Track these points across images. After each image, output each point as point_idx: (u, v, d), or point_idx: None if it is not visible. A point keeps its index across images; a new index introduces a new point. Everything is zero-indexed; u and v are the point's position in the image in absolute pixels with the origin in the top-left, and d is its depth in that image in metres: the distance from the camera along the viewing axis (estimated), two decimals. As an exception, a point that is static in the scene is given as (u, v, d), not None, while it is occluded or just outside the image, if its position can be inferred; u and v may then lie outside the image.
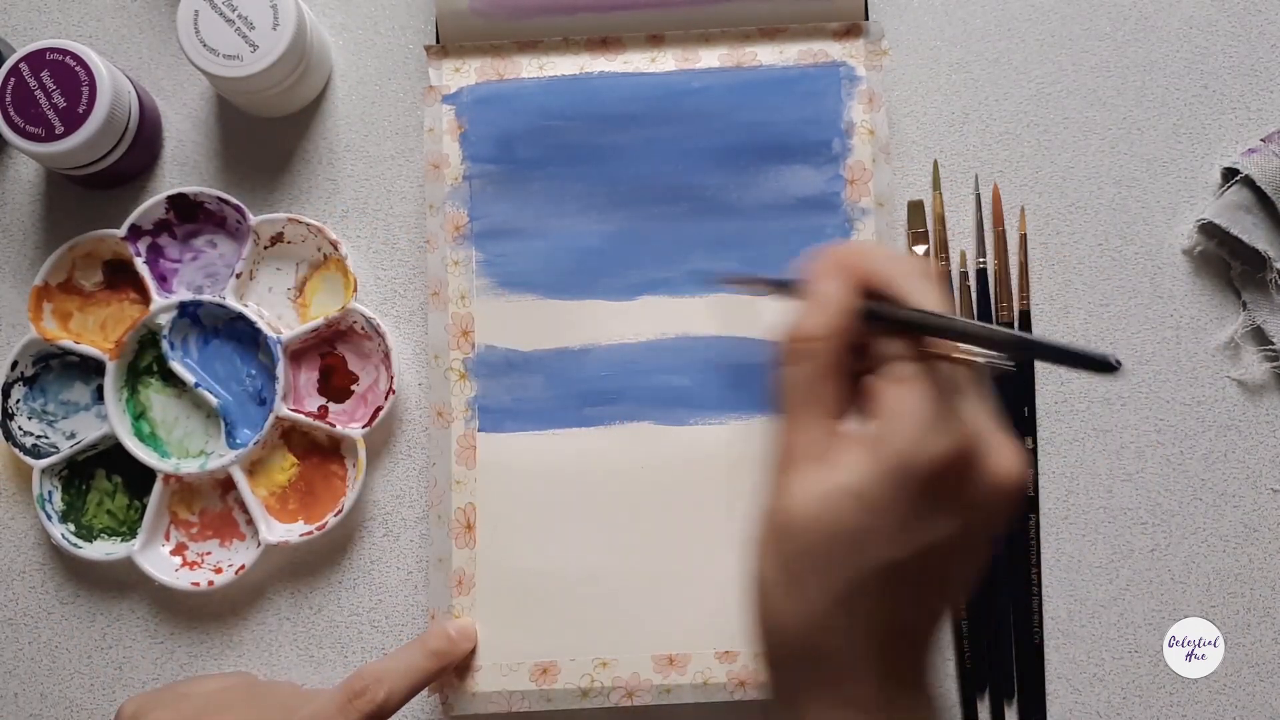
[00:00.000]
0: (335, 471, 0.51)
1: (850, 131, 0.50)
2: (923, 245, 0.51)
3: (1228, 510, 0.50)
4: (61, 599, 0.51)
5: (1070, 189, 0.52)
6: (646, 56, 0.51)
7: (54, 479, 0.50)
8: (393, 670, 0.43)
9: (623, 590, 0.48)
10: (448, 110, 0.51)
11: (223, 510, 0.51)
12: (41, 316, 0.51)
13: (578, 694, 0.47)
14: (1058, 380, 0.51)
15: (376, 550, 0.51)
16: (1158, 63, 0.53)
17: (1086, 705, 0.49)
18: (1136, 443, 0.50)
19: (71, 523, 0.50)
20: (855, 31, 0.51)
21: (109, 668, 0.50)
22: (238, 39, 0.48)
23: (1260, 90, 0.52)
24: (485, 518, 0.49)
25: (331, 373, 0.51)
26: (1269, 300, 0.50)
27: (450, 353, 0.50)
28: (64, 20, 0.55)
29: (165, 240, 0.52)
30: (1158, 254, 0.51)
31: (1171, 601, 0.49)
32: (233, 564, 0.49)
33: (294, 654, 0.50)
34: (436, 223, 0.51)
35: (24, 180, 0.54)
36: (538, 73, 0.51)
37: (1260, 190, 0.50)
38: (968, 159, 0.52)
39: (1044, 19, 0.53)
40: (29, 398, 0.51)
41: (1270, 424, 0.50)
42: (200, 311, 0.51)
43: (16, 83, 0.48)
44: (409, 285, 0.52)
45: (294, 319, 0.52)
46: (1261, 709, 0.48)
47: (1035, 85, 0.53)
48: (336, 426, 0.50)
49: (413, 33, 0.54)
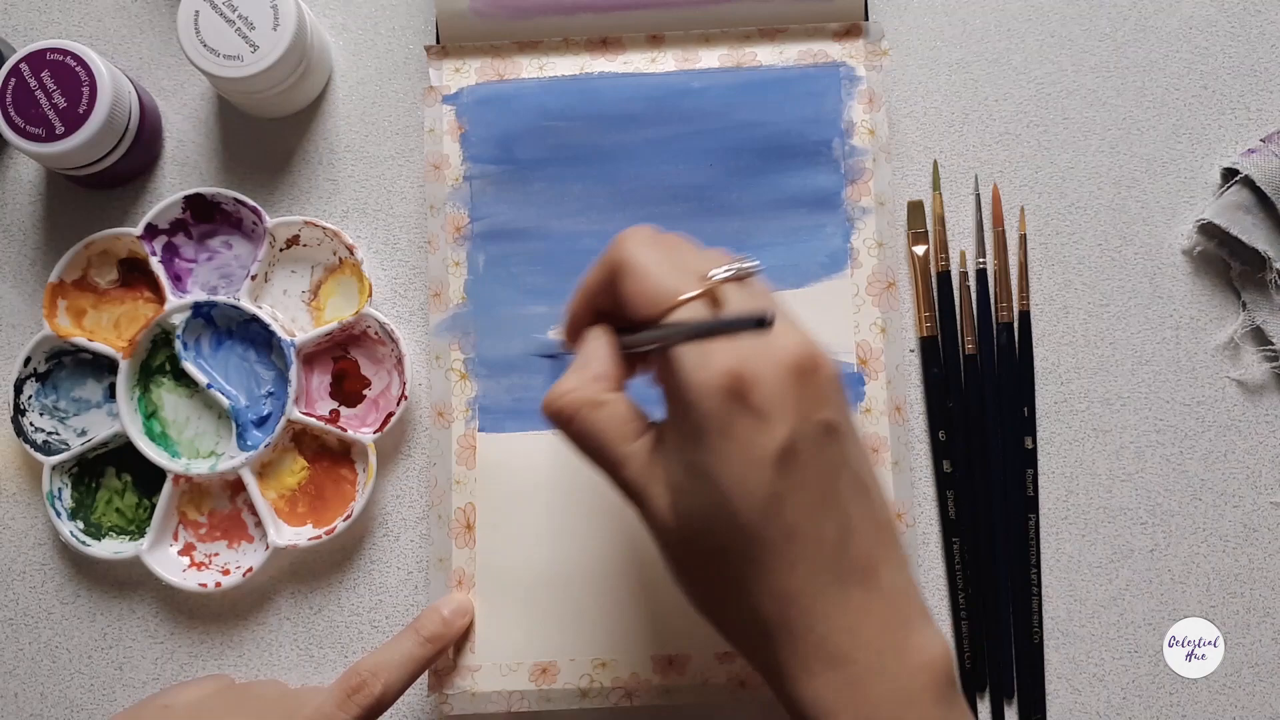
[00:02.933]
0: (345, 476, 0.51)
1: (850, 131, 0.51)
2: (923, 245, 0.51)
3: (1228, 510, 0.50)
4: (62, 599, 0.51)
5: (1070, 189, 0.52)
6: (646, 57, 0.51)
7: (64, 476, 0.50)
8: (388, 661, 0.43)
9: (622, 591, 0.48)
10: (448, 111, 0.51)
11: (232, 512, 0.51)
12: (55, 313, 0.51)
13: (577, 694, 0.47)
14: (1058, 380, 0.51)
15: (377, 550, 0.51)
16: (1158, 63, 0.53)
17: (1086, 705, 0.49)
18: (1136, 443, 0.50)
19: (80, 520, 0.50)
20: (855, 32, 0.51)
21: (109, 668, 0.50)
22: (238, 39, 0.48)
23: (1260, 90, 0.52)
24: (485, 518, 0.49)
25: (344, 377, 0.51)
26: (1269, 300, 0.50)
27: (450, 353, 0.50)
28: (64, 20, 0.55)
29: (181, 240, 0.52)
30: (1158, 254, 0.51)
31: (1171, 601, 0.49)
32: (240, 566, 0.49)
33: (294, 654, 0.50)
34: (437, 223, 0.51)
35: (24, 180, 0.54)
36: (538, 73, 0.51)
37: (1260, 190, 0.50)
38: (968, 159, 0.52)
39: (1044, 19, 0.53)
40: (41, 394, 0.51)
41: (1270, 424, 0.50)
42: (214, 312, 0.51)
43: (17, 83, 0.48)
44: (409, 285, 0.52)
45: (308, 322, 0.52)
46: (1261, 709, 0.48)
47: (1035, 85, 0.53)
48: (348, 431, 0.50)
49: (413, 33, 0.54)
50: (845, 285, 0.50)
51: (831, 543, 0.34)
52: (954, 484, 0.50)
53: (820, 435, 0.34)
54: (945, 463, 0.50)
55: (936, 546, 0.50)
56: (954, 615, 0.49)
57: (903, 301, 0.51)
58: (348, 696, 0.42)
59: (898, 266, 0.50)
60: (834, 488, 0.35)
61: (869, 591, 0.34)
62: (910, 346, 0.51)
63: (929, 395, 0.50)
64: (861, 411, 0.49)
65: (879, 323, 0.49)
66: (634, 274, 0.37)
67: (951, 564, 0.49)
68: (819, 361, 0.34)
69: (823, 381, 0.34)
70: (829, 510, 0.34)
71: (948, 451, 0.50)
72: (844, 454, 0.35)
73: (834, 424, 0.35)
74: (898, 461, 0.48)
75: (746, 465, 0.33)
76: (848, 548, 0.34)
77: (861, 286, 0.50)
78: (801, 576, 0.34)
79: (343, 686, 0.42)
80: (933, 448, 0.50)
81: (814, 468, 0.34)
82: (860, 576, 0.34)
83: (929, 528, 0.50)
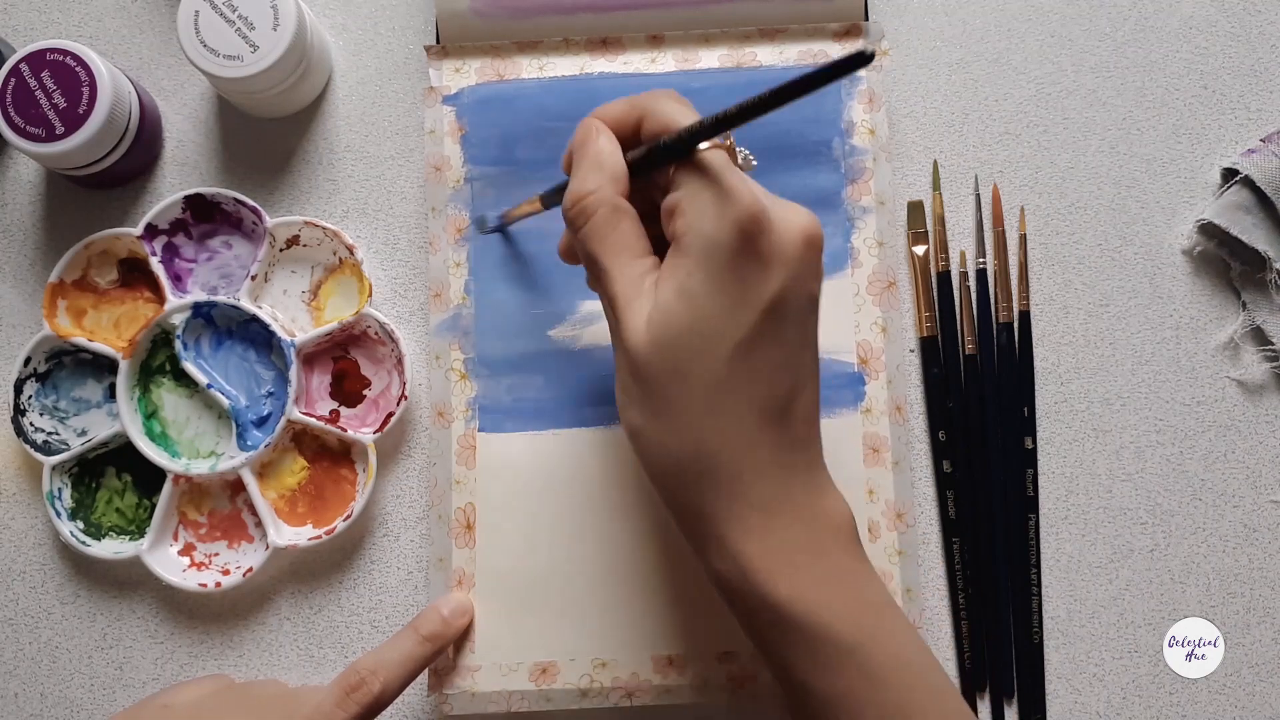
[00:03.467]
0: (345, 476, 0.51)
1: (850, 131, 0.51)
2: (923, 245, 0.51)
3: (1228, 510, 0.50)
4: (62, 599, 0.51)
5: (1070, 189, 0.52)
6: (646, 57, 0.51)
7: (64, 476, 0.50)
8: (387, 660, 0.43)
9: (622, 590, 0.48)
10: (448, 111, 0.51)
11: (232, 512, 0.51)
12: (55, 313, 0.51)
13: (577, 694, 0.47)
14: (1058, 380, 0.51)
15: (377, 550, 0.51)
16: (1158, 63, 0.53)
17: (1086, 705, 0.49)
18: (1136, 443, 0.50)
19: (80, 520, 0.50)
20: (855, 32, 0.51)
21: (109, 668, 0.50)
22: (238, 39, 0.48)
23: (1260, 90, 0.52)
24: (485, 518, 0.49)
25: (344, 377, 0.51)
26: (1269, 300, 0.50)
27: (450, 353, 0.50)
28: (64, 20, 0.55)
29: (181, 240, 0.52)
30: (1158, 254, 0.51)
31: (1171, 601, 0.49)
32: (240, 566, 0.49)
33: (294, 654, 0.50)
34: (438, 224, 0.51)
35: (24, 180, 0.54)
36: (538, 73, 0.51)
37: (1260, 190, 0.50)
38: (968, 159, 0.52)
39: (1044, 19, 0.53)
40: (41, 394, 0.51)
41: (1270, 424, 0.50)
42: (214, 312, 0.51)
43: (17, 83, 0.48)
44: (409, 285, 0.52)
45: (308, 322, 0.52)
46: (1261, 709, 0.48)
47: (1035, 85, 0.53)
48: (348, 431, 0.50)
49: (413, 33, 0.54)
50: (846, 285, 0.50)
51: (782, 402, 0.37)
52: (954, 484, 0.50)
53: (805, 303, 0.37)
54: (945, 463, 0.50)
55: (936, 546, 0.50)
56: (954, 615, 0.49)
57: (903, 301, 0.51)
58: (346, 695, 0.42)
59: (898, 266, 0.50)
60: (799, 354, 0.37)
61: (797, 454, 0.37)
62: (910, 346, 0.51)
63: (929, 395, 0.50)
64: (861, 411, 0.49)
65: (879, 322, 0.49)
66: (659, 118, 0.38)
67: (951, 564, 0.49)
68: (821, 243, 0.37)
69: (820, 260, 0.37)
70: (789, 371, 0.37)
71: (948, 451, 0.50)
72: (815, 332, 0.38)
73: (817, 300, 0.38)
74: (898, 461, 0.48)
75: (737, 302, 0.35)
76: (792, 411, 0.37)
77: (862, 286, 0.50)
78: (748, 423, 0.36)
79: (341, 685, 0.42)
80: (933, 448, 0.50)
81: (792, 329, 0.36)
82: (794, 440, 0.37)
83: (929, 528, 0.50)
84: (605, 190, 0.37)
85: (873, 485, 0.48)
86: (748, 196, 0.35)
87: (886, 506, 0.48)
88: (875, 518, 0.48)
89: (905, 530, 0.48)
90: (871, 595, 0.38)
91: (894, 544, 0.48)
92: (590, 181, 0.38)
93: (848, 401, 0.49)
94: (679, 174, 0.37)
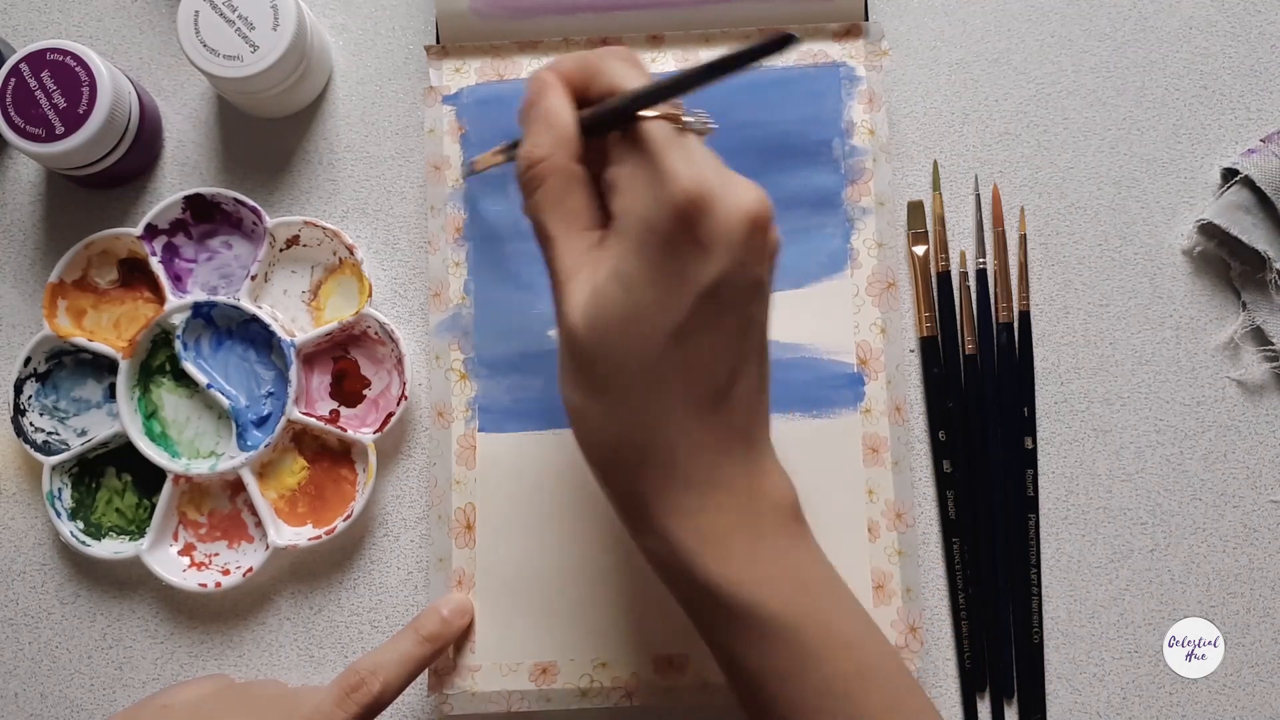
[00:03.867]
0: (345, 476, 0.51)
1: (850, 132, 0.51)
2: (923, 245, 0.51)
3: (1228, 510, 0.50)
4: (62, 599, 0.51)
5: (1070, 189, 0.52)
6: (646, 57, 0.51)
7: (64, 476, 0.50)
8: (387, 660, 0.43)
9: (622, 591, 0.48)
10: (448, 111, 0.51)
11: (232, 512, 0.51)
12: (55, 313, 0.51)
13: (577, 694, 0.47)
14: (1058, 380, 0.51)
15: (377, 550, 0.51)
16: (1158, 63, 0.53)
17: (1086, 705, 0.49)
18: (1136, 443, 0.50)
19: (80, 520, 0.50)
20: (855, 32, 0.51)
21: (109, 668, 0.50)
22: (238, 39, 0.48)
23: (1260, 90, 0.52)
24: (485, 518, 0.49)
25: (344, 377, 0.51)
26: (1269, 300, 0.50)
27: (451, 353, 0.50)
28: (64, 20, 0.55)
29: (181, 240, 0.52)
30: (1157, 254, 0.51)
31: (1171, 601, 0.49)
32: (240, 566, 0.49)
33: (294, 654, 0.50)
34: (438, 224, 0.51)
35: (24, 180, 0.54)
36: (538, 73, 0.51)
37: (1260, 190, 0.50)
38: (968, 159, 0.52)
39: (1044, 19, 0.53)
40: (41, 394, 0.51)
41: (1270, 424, 0.50)
42: (214, 312, 0.51)
43: (17, 83, 0.48)
44: (409, 285, 0.52)
45: (308, 322, 0.52)
46: (1261, 709, 0.48)
47: (1035, 85, 0.53)
48: (348, 431, 0.50)
49: (413, 33, 0.54)
50: (845, 285, 0.50)
51: (720, 387, 0.36)
52: (954, 484, 0.50)
53: (748, 288, 0.35)
54: (945, 463, 0.50)
55: (936, 546, 0.50)
56: (954, 615, 0.49)
57: (903, 302, 0.51)
58: (346, 695, 0.42)
59: (898, 266, 0.50)
60: (740, 341, 0.36)
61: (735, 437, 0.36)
62: (910, 346, 0.51)
63: (929, 395, 0.50)
64: (861, 411, 0.49)
65: (879, 323, 0.49)
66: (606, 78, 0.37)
67: (951, 564, 0.49)
68: (769, 223, 0.35)
69: (768, 242, 0.35)
70: (728, 358, 0.36)
71: (948, 451, 0.50)
72: (760, 314, 0.37)
73: (763, 284, 0.36)
74: (898, 461, 0.48)
75: (672, 289, 0.34)
76: (731, 395, 0.36)
77: (861, 286, 0.50)
78: (683, 408, 0.36)
79: (341, 685, 0.42)
80: (933, 448, 0.50)
81: (732, 315, 0.35)
82: (732, 423, 0.36)
83: (929, 528, 0.50)
84: (558, 156, 0.37)
85: (872, 485, 0.48)
86: (686, 177, 0.34)
87: (886, 506, 0.48)
88: (875, 518, 0.48)
89: (905, 530, 0.48)
90: (809, 574, 0.38)
91: (894, 544, 0.48)
92: (542, 145, 0.37)
93: (847, 402, 0.49)
94: (619, 148, 0.36)
